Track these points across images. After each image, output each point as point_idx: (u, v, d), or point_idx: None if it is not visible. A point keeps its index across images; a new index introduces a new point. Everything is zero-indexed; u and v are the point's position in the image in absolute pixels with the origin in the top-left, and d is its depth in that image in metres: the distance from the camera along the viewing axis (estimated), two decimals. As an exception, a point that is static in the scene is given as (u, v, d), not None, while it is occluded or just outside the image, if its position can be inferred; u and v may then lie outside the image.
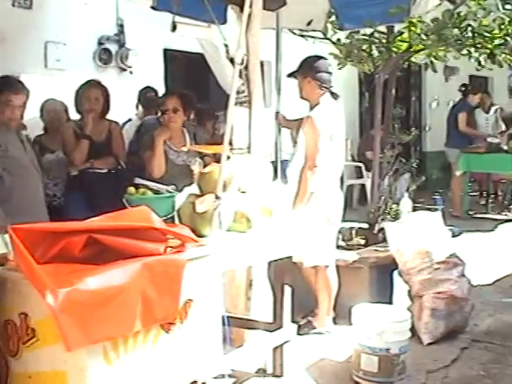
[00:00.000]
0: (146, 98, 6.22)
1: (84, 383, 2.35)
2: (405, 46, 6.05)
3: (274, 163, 4.65)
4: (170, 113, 4.54)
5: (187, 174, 4.20)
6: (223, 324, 3.03)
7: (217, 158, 4.04)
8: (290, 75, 4.62)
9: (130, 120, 6.18)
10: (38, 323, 2.41)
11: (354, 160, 9.96)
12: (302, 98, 4.58)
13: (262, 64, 4.00)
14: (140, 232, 2.63)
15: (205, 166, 4.29)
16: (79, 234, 2.52)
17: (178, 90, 5.15)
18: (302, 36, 6.38)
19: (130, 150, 5.28)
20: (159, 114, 5.01)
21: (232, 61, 3.72)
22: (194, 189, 3.34)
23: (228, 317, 3.14)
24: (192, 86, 7.22)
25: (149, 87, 6.43)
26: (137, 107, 6.31)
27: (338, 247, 4.90)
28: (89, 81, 5.13)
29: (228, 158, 3.34)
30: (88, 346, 2.31)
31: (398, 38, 6.04)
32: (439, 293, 4.37)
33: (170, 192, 3.44)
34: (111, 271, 2.43)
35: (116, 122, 5.23)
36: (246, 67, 3.76)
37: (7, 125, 4.21)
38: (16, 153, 4.23)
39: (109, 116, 5.06)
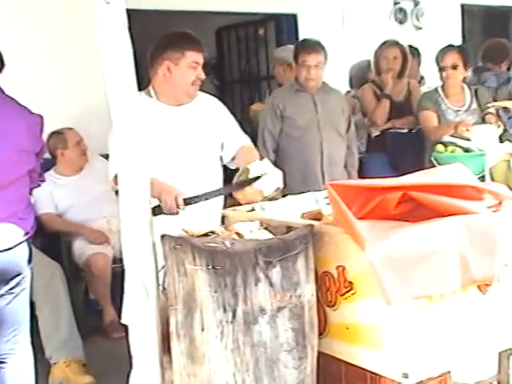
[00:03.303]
0: None
1: (399, 339, 2.37)
2: None
3: None
4: (448, 69, 4.33)
5: None
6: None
7: None
8: None
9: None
10: (355, 276, 2.45)
11: None
12: None
13: None
14: (455, 190, 2.54)
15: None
16: (394, 191, 2.51)
17: (457, 45, 4.88)
18: None
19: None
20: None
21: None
22: (508, 147, 3.15)
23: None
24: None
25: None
26: None
27: None
28: (387, 40, 5.11)
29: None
30: (406, 301, 2.32)
31: None
32: None
33: (481, 150, 3.27)
34: (429, 229, 2.39)
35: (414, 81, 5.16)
36: None
37: (301, 85, 4.34)
38: (294, 113, 4.31)
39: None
